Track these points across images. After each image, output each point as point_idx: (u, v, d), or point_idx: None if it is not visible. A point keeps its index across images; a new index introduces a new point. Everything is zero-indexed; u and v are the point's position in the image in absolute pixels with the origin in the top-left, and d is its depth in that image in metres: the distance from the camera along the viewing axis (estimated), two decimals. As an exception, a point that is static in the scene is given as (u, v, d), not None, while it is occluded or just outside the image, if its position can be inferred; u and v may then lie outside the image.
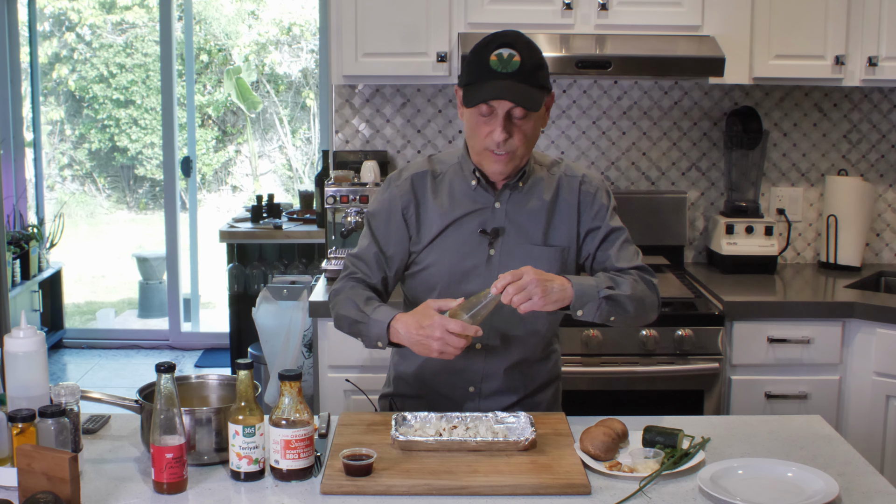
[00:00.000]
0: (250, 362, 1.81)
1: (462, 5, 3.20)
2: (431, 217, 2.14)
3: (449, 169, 2.17)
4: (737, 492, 1.72)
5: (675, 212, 3.57)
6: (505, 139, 2.01)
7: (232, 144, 9.48)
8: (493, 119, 2.01)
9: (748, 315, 3.04)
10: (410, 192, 2.16)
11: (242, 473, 1.79)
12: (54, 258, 6.36)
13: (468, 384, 2.19)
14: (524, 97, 1.98)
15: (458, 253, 2.13)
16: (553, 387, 2.29)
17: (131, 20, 8.69)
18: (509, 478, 1.76)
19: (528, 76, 1.99)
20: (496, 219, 2.13)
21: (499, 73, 1.98)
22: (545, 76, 2.04)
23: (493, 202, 2.13)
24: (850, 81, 3.28)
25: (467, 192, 2.14)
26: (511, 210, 2.14)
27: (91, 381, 5.68)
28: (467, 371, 2.17)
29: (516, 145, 2.03)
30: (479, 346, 2.16)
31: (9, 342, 1.79)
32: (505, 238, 2.13)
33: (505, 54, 1.98)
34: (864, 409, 3.02)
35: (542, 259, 2.12)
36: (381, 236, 2.17)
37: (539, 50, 2.05)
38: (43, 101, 7.66)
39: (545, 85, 2.03)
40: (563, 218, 2.16)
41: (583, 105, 3.62)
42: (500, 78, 1.98)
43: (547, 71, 2.05)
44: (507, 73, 1.97)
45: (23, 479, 1.63)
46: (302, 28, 9.00)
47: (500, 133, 2.00)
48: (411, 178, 2.17)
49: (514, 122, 2.01)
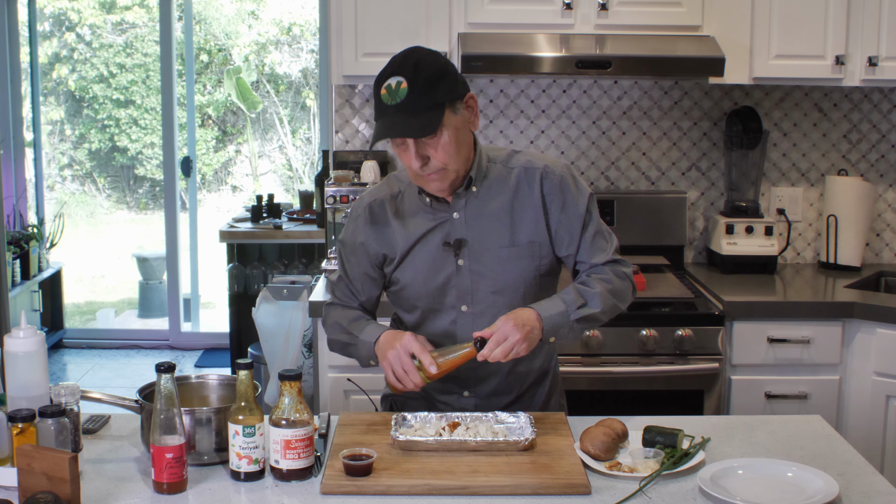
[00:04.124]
0: (250, 362, 1.81)
1: (462, 5, 3.20)
2: (396, 239, 2.14)
3: (407, 187, 2.16)
4: (737, 492, 1.72)
5: (675, 212, 3.57)
6: (422, 164, 1.98)
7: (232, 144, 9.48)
8: (407, 147, 1.98)
9: (748, 315, 3.04)
10: (368, 222, 2.16)
11: (242, 473, 1.79)
12: (54, 258, 6.36)
13: (462, 388, 2.19)
14: (414, 128, 1.94)
15: (428, 269, 2.12)
16: (548, 381, 2.27)
17: (131, 20, 8.69)
18: (509, 478, 1.76)
19: (418, 101, 1.93)
20: (457, 229, 2.11)
21: (388, 106, 1.95)
22: (446, 88, 1.97)
23: (451, 213, 2.11)
24: (850, 81, 3.28)
25: (425, 208, 2.12)
26: (471, 217, 2.11)
27: (91, 381, 5.68)
28: (460, 377, 2.17)
29: (441, 163, 1.99)
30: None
31: (9, 342, 1.79)
32: (469, 247, 2.10)
33: (393, 84, 1.95)
34: (864, 409, 3.02)
35: (513, 259, 2.10)
36: (349, 267, 2.20)
37: (434, 63, 1.98)
38: (43, 101, 7.66)
39: (445, 99, 1.96)
40: (528, 213, 2.11)
41: (583, 105, 3.62)
42: (389, 113, 1.95)
43: (449, 81, 1.98)
44: (396, 104, 1.94)
45: (23, 479, 1.63)
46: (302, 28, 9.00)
47: (415, 162, 1.98)
48: (369, 207, 2.16)
49: (426, 144, 1.97)
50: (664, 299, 3.11)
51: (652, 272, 3.37)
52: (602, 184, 3.66)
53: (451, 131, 1.98)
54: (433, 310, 2.14)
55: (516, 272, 2.10)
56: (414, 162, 1.98)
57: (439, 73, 1.97)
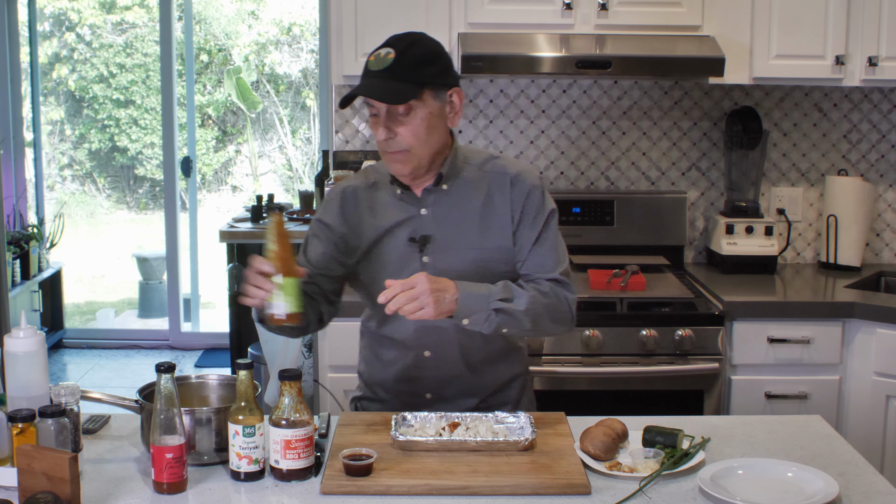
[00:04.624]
0: (250, 362, 1.81)
1: (462, 5, 3.20)
2: (364, 228, 2.13)
3: (382, 178, 2.15)
4: (737, 492, 1.72)
5: (675, 212, 3.57)
6: (386, 136, 1.99)
7: (232, 144, 9.48)
8: (380, 119, 1.99)
9: (748, 315, 3.04)
10: (340, 207, 2.15)
11: (242, 473, 1.79)
12: (54, 258, 6.36)
13: (424, 391, 2.19)
14: (386, 92, 1.95)
15: (393, 264, 2.11)
16: (518, 384, 2.26)
17: (131, 20, 8.69)
18: (509, 478, 1.76)
19: (400, 72, 1.95)
20: (424, 226, 2.10)
21: (371, 70, 1.98)
22: (434, 72, 1.99)
23: (419, 209, 2.11)
24: (850, 81, 3.28)
25: (394, 201, 2.12)
26: (439, 214, 2.10)
27: (91, 381, 5.68)
28: (421, 379, 2.17)
29: (404, 143, 1.99)
30: (429, 354, 2.15)
31: (9, 342, 1.79)
32: (435, 244, 2.10)
33: (382, 53, 1.98)
34: (864, 409, 3.02)
35: (479, 261, 2.09)
36: (311, 249, 2.17)
37: (429, 47, 2.01)
38: (43, 101, 7.66)
39: (429, 80, 1.98)
40: (497, 218, 2.11)
41: (583, 105, 3.62)
42: (370, 76, 1.98)
43: (439, 67, 2.00)
44: (379, 70, 1.96)
45: (23, 479, 1.63)
46: (302, 28, 9.00)
47: (381, 130, 1.98)
48: (343, 192, 2.17)
49: (397, 119, 1.98)
50: (664, 299, 3.11)
51: (652, 272, 3.37)
52: (602, 184, 3.66)
53: (426, 114, 1.99)
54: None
55: (481, 274, 2.07)
56: (380, 131, 1.98)
57: (430, 56, 2.00)
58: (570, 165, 3.65)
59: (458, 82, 2.06)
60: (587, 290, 3.17)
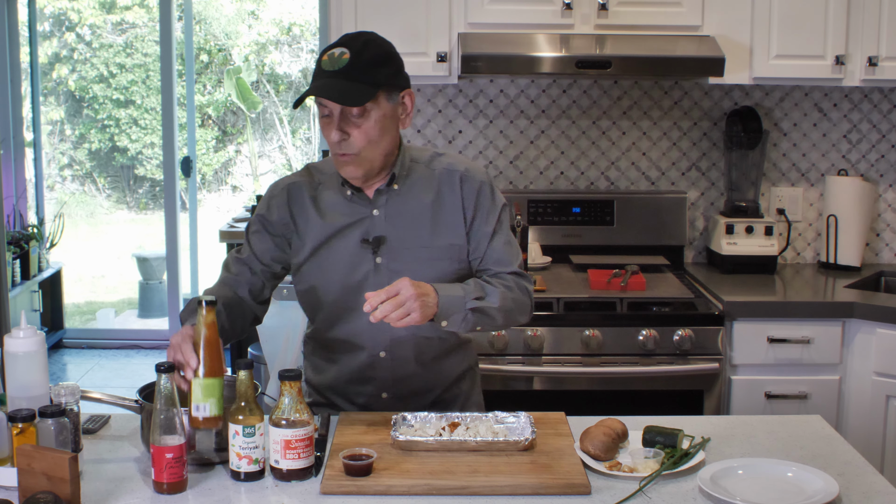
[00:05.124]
0: (251, 362, 1.81)
1: (462, 5, 3.20)
2: (311, 228, 2.11)
3: (327, 179, 2.14)
4: (737, 492, 1.72)
5: (675, 212, 3.57)
6: (339, 138, 1.97)
7: (232, 144, 9.49)
8: (332, 120, 1.98)
9: (748, 315, 3.04)
10: (286, 203, 2.13)
11: (242, 473, 1.78)
12: (54, 258, 6.37)
13: (380, 391, 2.18)
14: (342, 93, 1.93)
15: (345, 265, 2.09)
16: (468, 378, 2.26)
17: (131, 20, 8.69)
18: (509, 478, 1.76)
19: (355, 73, 1.94)
20: (377, 227, 2.09)
21: (325, 71, 1.96)
22: (387, 73, 1.98)
23: (371, 210, 2.10)
24: (850, 81, 3.28)
25: (345, 202, 2.11)
26: (391, 215, 2.09)
27: (91, 381, 5.68)
28: (376, 379, 2.16)
29: (358, 145, 1.98)
30: (384, 355, 2.14)
31: (9, 342, 1.79)
32: (389, 245, 2.09)
33: (336, 53, 1.96)
34: (864, 409, 3.02)
35: (432, 260, 2.08)
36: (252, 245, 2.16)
37: (383, 48, 2.00)
38: (43, 101, 7.66)
39: (383, 82, 1.97)
40: (448, 216, 2.10)
41: (583, 105, 3.62)
42: (325, 77, 1.96)
43: (392, 68, 2.00)
44: (334, 70, 1.94)
45: (23, 479, 1.63)
46: (302, 28, 9.01)
47: (334, 133, 1.97)
48: (287, 189, 2.14)
49: (350, 121, 1.97)
50: (664, 299, 3.11)
51: (652, 272, 3.37)
52: (602, 184, 3.66)
53: (379, 117, 1.98)
54: (346, 309, 2.10)
55: (435, 273, 2.07)
56: (333, 133, 1.97)
57: (385, 57, 1.99)
58: (570, 165, 3.65)
59: (409, 84, 2.05)
60: (587, 290, 3.17)
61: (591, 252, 3.52)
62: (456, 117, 3.62)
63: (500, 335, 2.96)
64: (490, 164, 3.63)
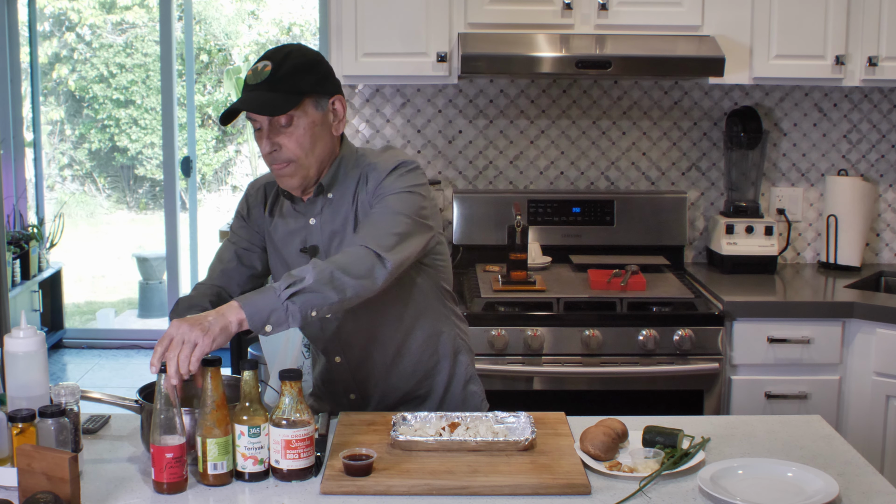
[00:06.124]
0: (255, 362, 1.81)
1: (462, 5, 3.20)
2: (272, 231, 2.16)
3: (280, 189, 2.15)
4: (737, 492, 1.72)
5: (675, 212, 3.57)
6: (270, 149, 1.97)
7: (232, 144, 9.48)
8: (263, 133, 1.98)
9: (748, 315, 3.04)
10: (262, 202, 2.17)
11: (247, 474, 1.78)
12: (54, 258, 6.36)
13: (347, 392, 2.20)
14: (263, 104, 1.93)
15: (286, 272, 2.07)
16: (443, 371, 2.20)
17: (131, 20, 8.69)
18: (509, 478, 1.76)
19: (277, 83, 1.94)
20: (313, 235, 2.10)
21: (250, 85, 1.96)
22: (312, 81, 1.98)
23: (308, 219, 2.10)
24: (850, 81, 3.28)
25: (289, 212, 2.13)
26: (325, 223, 2.09)
27: (91, 381, 5.68)
28: (340, 381, 2.19)
29: (290, 154, 1.98)
30: (339, 360, 2.16)
31: (9, 342, 1.79)
32: (323, 254, 2.09)
33: (259, 66, 1.96)
34: (864, 409, 3.02)
35: None
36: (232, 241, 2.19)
37: (307, 56, 1.99)
38: (43, 101, 7.66)
39: (308, 89, 1.97)
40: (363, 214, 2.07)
41: (583, 105, 3.62)
42: (249, 90, 1.96)
43: (316, 74, 1.99)
44: (257, 83, 1.95)
45: (23, 479, 1.63)
46: (302, 28, 9.00)
47: (265, 144, 1.97)
48: (264, 188, 2.18)
49: (279, 132, 1.97)
50: (664, 299, 3.11)
51: (652, 272, 3.37)
52: (602, 184, 3.66)
53: (308, 125, 1.98)
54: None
55: None
56: (265, 145, 1.98)
57: (308, 65, 1.99)
58: (570, 165, 3.65)
59: (339, 90, 2.04)
60: (587, 290, 3.17)
61: (591, 252, 3.52)
62: (456, 117, 3.62)
63: (501, 335, 2.96)
64: (490, 164, 3.63)
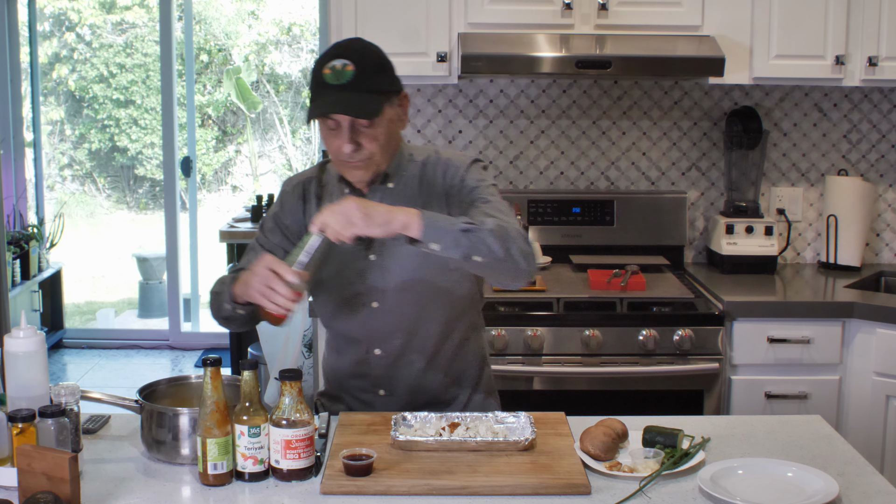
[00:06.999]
0: (255, 362, 1.81)
1: (462, 5, 3.20)
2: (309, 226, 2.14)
3: (332, 178, 2.17)
4: (737, 492, 1.72)
5: (675, 212, 3.57)
6: (353, 150, 1.99)
7: (232, 144, 9.48)
8: (340, 131, 1.98)
9: (748, 315, 3.04)
10: (299, 200, 2.17)
11: (247, 474, 1.78)
12: (54, 258, 6.36)
13: (377, 388, 2.19)
14: (358, 108, 1.95)
15: (340, 261, 2.11)
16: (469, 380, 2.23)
17: (131, 20, 8.69)
18: (509, 478, 1.76)
19: (363, 84, 1.95)
20: None
21: (333, 85, 1.96)
22: (388, 79, 2.01)
23: None
24: (850, 81, 3.28)
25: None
26: None
27: (91, 381, 5.68)
28: (371, 375, 2.18)
29: (369, 152, 2.00)
30: (379, 352, 2.15)
31: (9, 342, 1.79)
32: (380, 242, 2.09)
33: (338, 65, 1.96)
34: (864, 409, 3.02)
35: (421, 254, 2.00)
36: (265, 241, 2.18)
37: (378, 54, 2.02)
38: (43, 101, 7.66)
39: (387, 88, 2.00)
40: (435, 207, 2.10)
41: (583, 105, 3.62)
42: (334, 91, 1.96)
43: (391, 73, 2.02)
44: (341, 84, 1.95)
45: (23, 479, 1.63)
46: (302, 28, 9.00)
47: (347, 146, 1.98)
48: (300, 186, 2.18)
49: (360, 131, 1.98)
50: (664, 299, 3.11)
51: (652, 272, 3.37)
52: (602, 184, 3.66)
53: (386, 123, 2.01)
54: (346, 303, 2.13)
55: (424, 268, 2.08)
56: (346, 146, 1.98)
57: (382, 64, 2.02)
58: (570, 165, 3.65)
59: (402, 86, 2.07)
60: (587, 290, 3.17)
61: (591, 252, 3.52)
62: (456, 117, 3.62)
63: (501, 335, 2.96)
64: (490, 164, 3.63)
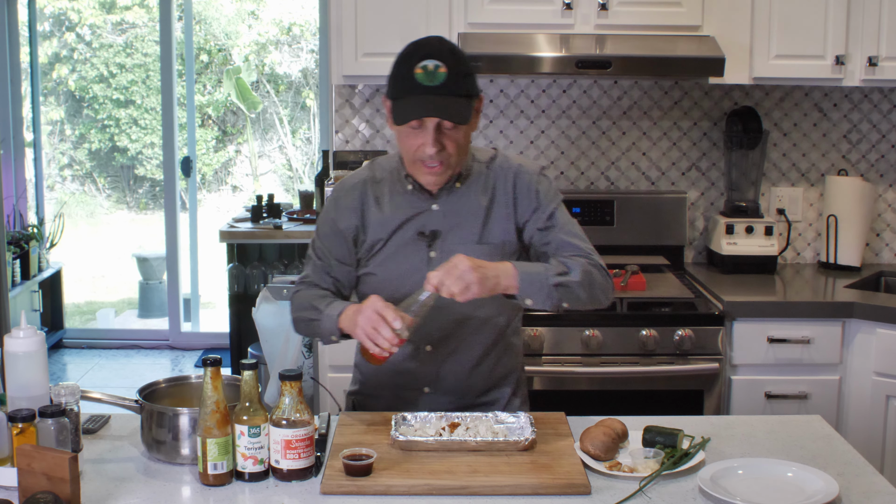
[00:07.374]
0: (255, 363, 1.81)
1: (462, 5, 3.20)
2: (374, 225, 2.14)
3: (387, 175, 2.16)
4: (737, 492, 1.72)
5: (675, 212, 3.57)
6: (437, 151, 1.99)
7: (232, 144, 9.48)
8: (423, 132, 1.98)
9: (748, 315, 3.04)
10: (349, 204, 2.16)
11: (247, 474, 1.78)
12: (54, 258, 6.36)
13: (422, 385, 2.19)
14: (453, 111, 1.95)
15: (399, 257, 2.12)
16: (512, 380, 2.26)
17: (131, 20, 8.69)
18: (509, 478, 1.76)
19: (455, 87, 1.95)
20: (434, 221, 2.12)
21: (425, 86, 1.95)
22: (472, 83, 2.01)
23: (430, 204, 2.12)
24: (850, 81, 3.28)
25: (405, 197, 2.13)
26: (448, 211, 2.12)
27: (91, 381, 5.68)
28: (418, 373, 2.18)
29: (449, 155, 2.01)
30: (430, 349, 2.16)
31: (9, 342, 1.79)
32: (443, 239, 2.11)
33: (430, 66, 1.95)
34: (864, 409, 3.02)
35: (483, 256, 2.06)
36: (325, 248, 2.19)
37: (464, 56, 2.03)
38: (43, 101, 7.66)
39: (473, 93, 2.01)
40: (500, 213, 2.13)
41: (583, 105, 3.63)
42: (426, 92, 1.95)
43: (474, 76, 2.03)
44: (434, 86, 1.94)
45: (23, 479, 1.63)
46: (302, 28, 9.00)
47: (431, 147, 1.98)
48: (352, 188, 2.17)
49: (444, 133, 1.99)
50: (664, 299, 3.11)
51: (652, 272, 3.37)
52: (602, 184, 3.66)
53: (468, 127, 2.03)
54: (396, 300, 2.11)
55: None
56: (430, 148, 1.98)
57: (469, 68, 2.02)
58: (570, 165, 3.65)
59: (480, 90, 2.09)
60: (587, 290, 3.17)
61: (591, 252, 3.51)
62: (456, 117, 3.61)
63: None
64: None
